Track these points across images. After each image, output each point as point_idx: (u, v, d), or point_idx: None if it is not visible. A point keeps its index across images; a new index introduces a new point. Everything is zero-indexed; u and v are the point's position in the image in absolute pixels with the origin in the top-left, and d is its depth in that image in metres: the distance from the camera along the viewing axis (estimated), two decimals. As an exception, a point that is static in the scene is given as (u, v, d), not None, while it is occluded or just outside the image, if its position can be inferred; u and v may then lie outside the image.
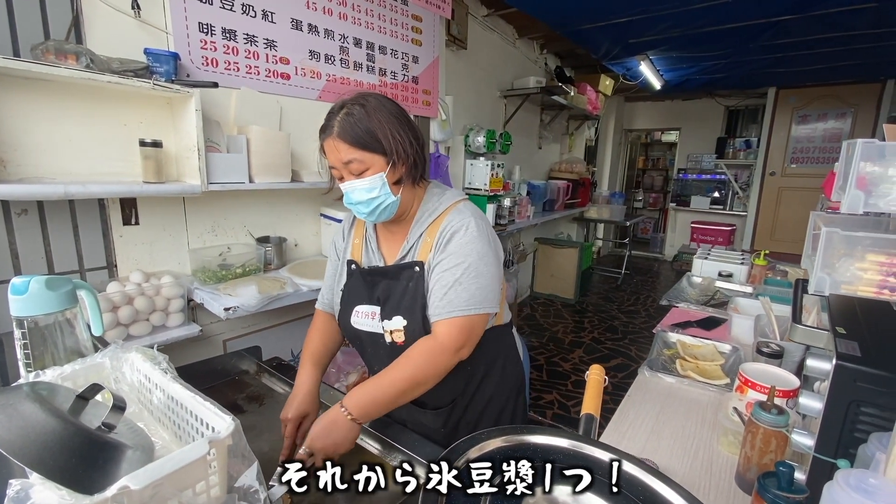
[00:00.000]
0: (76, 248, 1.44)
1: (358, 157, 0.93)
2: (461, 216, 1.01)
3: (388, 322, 1.03)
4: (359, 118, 0.93)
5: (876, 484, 0.58)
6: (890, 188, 0.56)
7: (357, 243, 1.14)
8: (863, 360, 0.74)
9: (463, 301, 0.95)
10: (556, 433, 0.57)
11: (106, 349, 0.71)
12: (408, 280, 1.02)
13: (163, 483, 0.44)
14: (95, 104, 1.41)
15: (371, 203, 0.97)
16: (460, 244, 0.98)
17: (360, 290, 1.08)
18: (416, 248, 1.04)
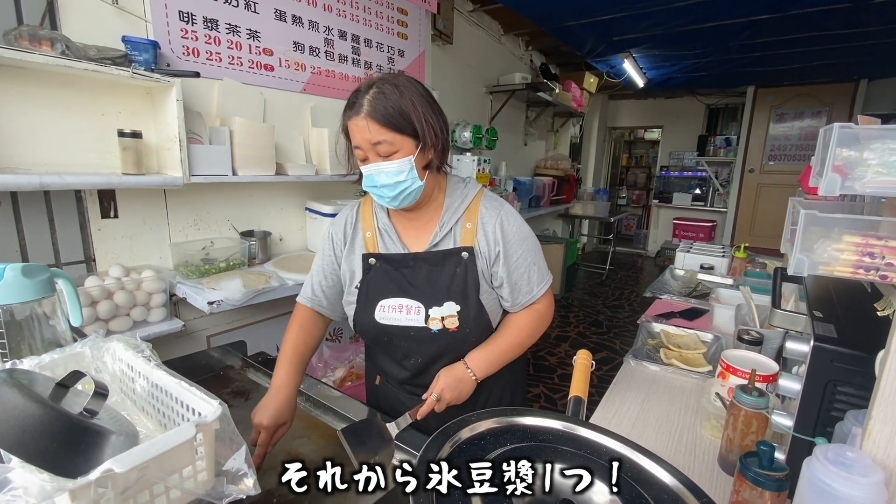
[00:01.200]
0: (52, 241, 1.40)
1: (388, 138, 0.90)
2: (496, 202, 1.06)
3: (439, 309, 1.00)
4: (391, 98, 0.89)
5: (853, 457, 0.60)
6: (865, 171, 0.58)
7: (370, 237, 1.07)
8: (839, 341, 0.76)
9: (543, 276, 1.06)
10: (546, 414, 0.58)
11: (86, 339, 0.70)
12: (455, 266, 1.01)
13: (148, 466, 0.43)
14: (72, 93, 1.36)
15: (397, 187, 0.94)
16: (517, 230, 1.03)
17: (384, 283, 1.04)
18: (456, 233, 1.03)
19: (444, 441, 0.53)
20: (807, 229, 0.64)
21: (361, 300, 1.06)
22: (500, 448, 0.53)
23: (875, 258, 0.59)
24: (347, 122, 0.93)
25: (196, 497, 0.51)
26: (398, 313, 1.02)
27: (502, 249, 1.01)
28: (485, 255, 1.02)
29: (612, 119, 7.39)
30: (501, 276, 1.02)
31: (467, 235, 1.02)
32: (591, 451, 0.54)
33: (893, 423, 0.61)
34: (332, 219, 1.22)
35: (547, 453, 0.52)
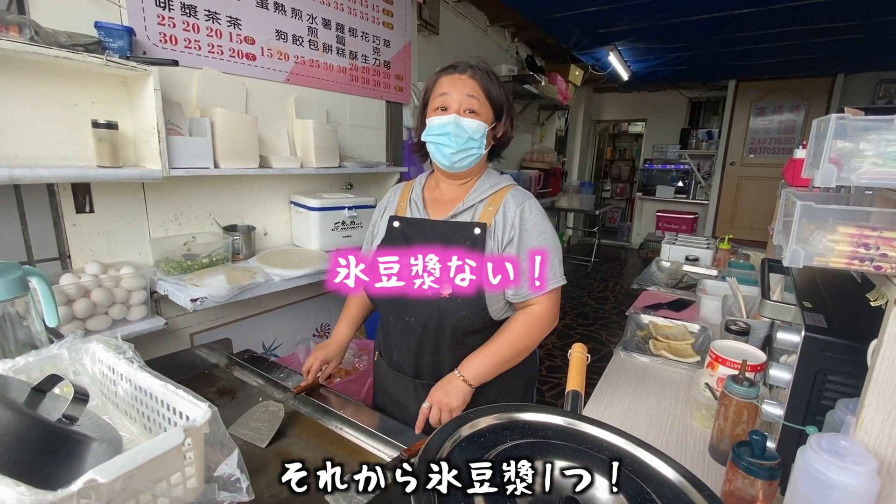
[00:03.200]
0: (24, 237, 1.34)
1: (480, 99, 1.02)
2: (523, 195, 1.10)
3: None
4: (491, 75, 1.05)
5: (847, 446, 0.60)
6: (861, 162, 0.58)
7: (402, 205, 1.17)
8: (829, 331, 0.77)
9: (554, 275, 1.05)
10: (546, 410, 0.57)
11: (63, 340, 0.66)
12: (465, 237, 1.05)
13: (134, 475, 0.41)
14: (42, 82, 1.30)
15: (468, 142, 1.03)
16: (538, 222, 1.06)
17: (399, 244, 1.10)
18: (476, 210, 1.08)
19: (445, 439, 0.51)
20: (802, 221, 0.64)
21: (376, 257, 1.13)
22: (501, 445, 0.52)
23: (870, 249, 0.59)
24: (442, 77, 1.06)
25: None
26: None
27: (517, 234, 1.04)
28: (498, 237, 1.05)
29: (596, 112, 7.43)
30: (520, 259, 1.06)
31: (486, 215, 1.07)
32: (592, 447, 0.53)
33: (886, 412, 0.62)
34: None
35: (548, 450, 0.51)
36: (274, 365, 1.34)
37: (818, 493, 0.61)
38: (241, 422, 0.95)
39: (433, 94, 1.07)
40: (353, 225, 2.06)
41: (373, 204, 2.12)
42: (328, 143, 1.97)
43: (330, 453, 1.00)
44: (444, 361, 1.11)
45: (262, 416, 0.96)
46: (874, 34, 3.63)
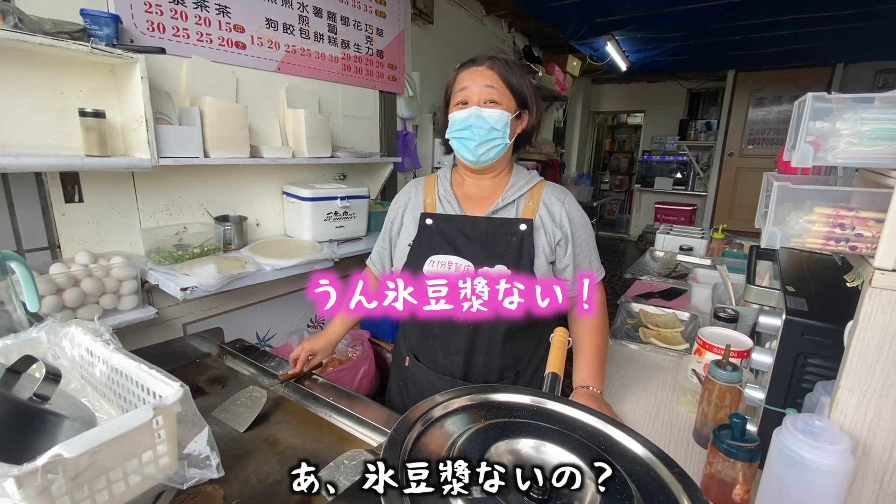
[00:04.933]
0: (13, 226, 1.34)
1: (500, 88, 1.01)
2: (559, 191, 1.12)
3: (490, 270, 1.03)
4: (511, 65, 1.04)
5: (821, 426, 0.61)
6: (837, 142, 0.57)
7: (430, 202, 1.14)
8: (810, 315, 0.77)
9: (598, 265, 1.14)
10: (519, 390, 0.57)
11: (42, 323, 0.66)
12: (511, 234, 1.05)
13: (101, 451, 0.41)
14: (27, 70, 1.29)
15: (490, 133, 1.01)
16: (579, 216, 1.11)
17: (437, 243, 1.08)
18: (518, 206, 1.09)
19: (416, 420, 0.52)
20: (780, 202, 0.63)
21: (412, 256, 1.10)
22: (475, 425, 0.52)
23: (846, 229, 0.59)
24: (461, 72, 1.05)
25: (158, 482, 0.49)
26: (447, 269, 1.05)
27: (570, 232, 1.08)
28: (549, 232, 1.07)
29: (595, 104, 7.38)
30: (567, 259, 1.09)
31: (528, 210, 1.08)
32: (565, 426, 0.53)
33: (861, 393, 0.62)
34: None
35: (520, 429, 0.52)
36: (265, 354, 1.34)
37: (792, 473, 0.61)
38: (223, 406, 0.96)
39: (454, 90, 1.06)
40: (346, 215, 2.05)
41: (366, 194, 2.12)
42: (320, 132, 1.96)
43: (318, 440, 1.01)
44: (496, 360, 1.10)
45: (245, 402, 0.97)
46: (873, 23, 3.60)
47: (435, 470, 0.44)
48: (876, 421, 0.62)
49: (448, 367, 1.13)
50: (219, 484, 0.85)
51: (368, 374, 1.85)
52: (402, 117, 2.70)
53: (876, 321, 0.59)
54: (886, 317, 0.58)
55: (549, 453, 0.49)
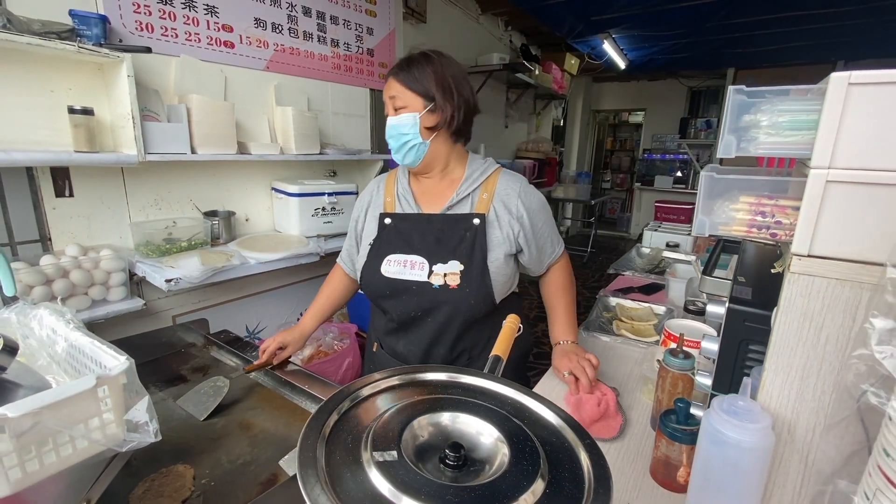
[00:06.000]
0: (4, 220, 1.39)
1: (399, 93, 1.04)
2: (516, 179, 1.14)
3: (443, 266, 1.07)
4: (414, 63, 1.04)
5: (743, 405, 0.64)
6: (757, 133, 0.60)
7: (389, 201, 1.17)
8: (751, 303, 0.80)
9: (559, 237, 1.23)
10: (443, 369, 0.60)
11: (12, 306, 0.71)
12: (465, 229, 1.08)
13: (43, 413, 0.45)
14: (17, 68, 1.34)
15: (400, 139, 1.06)
16: (536, 200, 1.13)
17: (394, 242, 1.12)
18: (472, 200, 1.11)
19: (345, 396, 0.55)
20: (710, 191, 0.66)
21: (371, 255, 1.14)
22: (400, 402, 0.56)
23: (766, 217, 0.62)
24: None
25: (106, 447, 0.53)
26: (403, 268, 1.09)
27: (527, 220, 1.10)
28: (506, 225, 1.09)
29: (595, 102, 7.38)
30: (528, 244, 1.12)
31: (482, 204, 1.10)
32: (483, 398, 0.57)
33: (784, 374, 0.64)
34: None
35: (441, 403, 0.55)
36: (248, 345, 1.39)
37: (717, 451, 0.64)
38: (186, 396, 1.00)
39: None
40: (334, 211, 2.10)
41: (354, 191, 2.16)
42: (308, 130, 2.00)
43: (290, 425, 1.05)
44: (454, 351, 1.13)
45: (209, 391, 1.01)
46: (873, 20, 3.58)
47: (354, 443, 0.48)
48: (799, 402, 0.64)
49: (406, 357, 1.17)
50: (190, 464, 0.90)
51: (353, 366, 1.89)
52: (393, 115, 2.74)
53: (796, 305, 0.61)
54: (805, 301, 0.60)
55: (466, 423, 0.52)
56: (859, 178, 0.53)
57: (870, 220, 0.54)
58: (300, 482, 0.41)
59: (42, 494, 0.51)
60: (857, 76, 0.51)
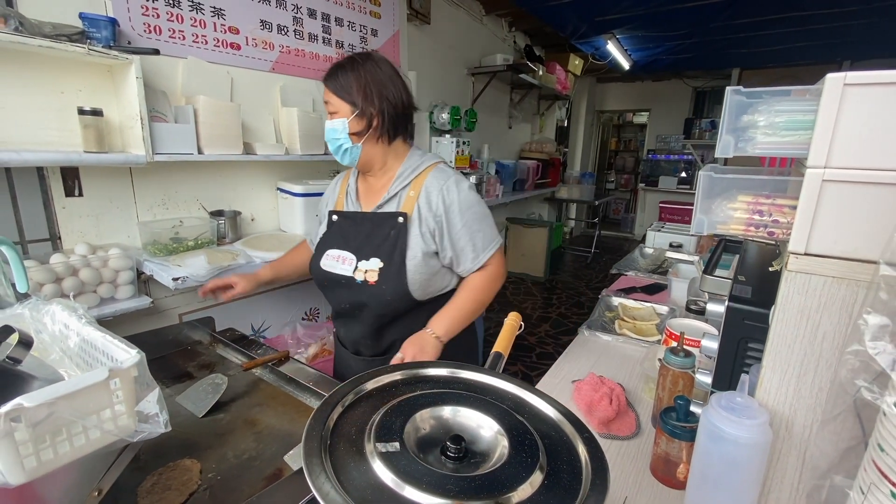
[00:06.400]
0: (16, 218, 1.41)
1: (330, 100, 1.09)
2: (444, 175, 1.13)
3: (365, 262, 1.13)
4: (340, 69, 1.08)
5: (741, 402, 0.64)
6: (755, 133, 0.61)
7: (340, 197, 1.26)
8: (750, 301, 0.80)
9: (489, 241, 1.14)
10: (444, 364, 0.62)
11: (26, 301, 0.72)
12: (390, 228, 1.12)
13: (58, 403, 0.47)
14: (29, 70, 1.36)
15: (335, 143, 1.12)
16: (461, 201, 1.11)
17: (335, 237, 1.20)
18: (400, 199, 1.14)
19: (350, 390, 0.57)
20: (709, 190, 0.67)
21: (317, 248, 1.24)
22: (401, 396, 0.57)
23: (763, 216, 0.62)
24: None
25: (117, 438, 0.55)
26: (336, 262, 1.17)
27: (444, 219, 1.09)
28: (426, 222, 1.10)
29: (599, 102, 7.37)
30: (446, 245, 1.11)
31: (408, 202, 1.12)
32: (483, 393, 0.58)
33: (781, 371, 0.65)
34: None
35: (442, 397, 0.56)
36: (253, 342, 1.40)
37: (715, 446, 0.65)
38: (185, 393, 1.02)
39: None
40: (339, 211, 2.11)
41: (358, 191, 2.17)
42: (313, 130, 2.02)
43: (294, 421, 1.07)
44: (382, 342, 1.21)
45: (207, 388, 1.03)
46: (878, 20, 3.56)
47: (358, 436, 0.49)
48: (796, 399, 0.65)
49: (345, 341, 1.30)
50: (197, 458, 0.91)
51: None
52: (397, 116, 2.75)
53: (793, 303, 0.62)
54: (802, 299, 0.61)
55: (466, 416, 0.53)
56: (855, 177, 0.54)
57: (865, 218, 0.55)
58: (306, 472, 0.43)
59: (55, 483, 0.53)
60: (852, 77, 0.52)
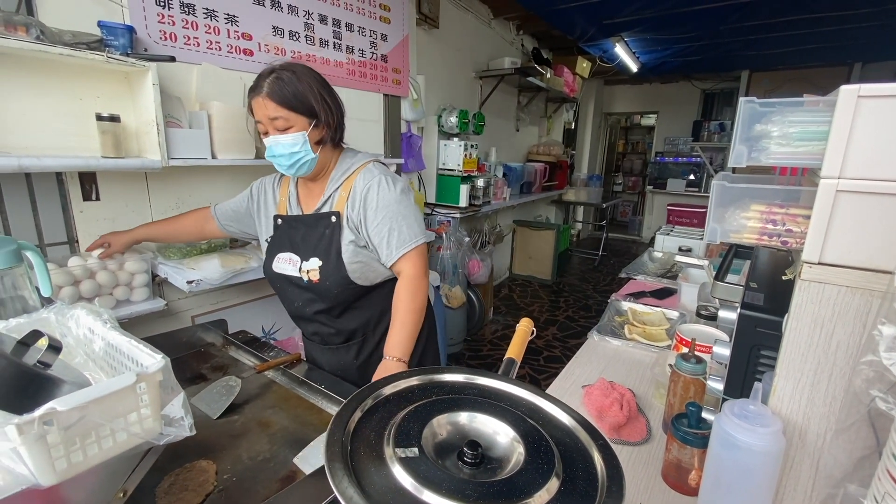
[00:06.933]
0: (35, 222, 1.44)
1: (283, 115, 1.07)
2: (370, 174, 1.18)
3: (306, 263, 1.19)
4: (288, 82, 1.07)
5: (754, 410, 0.65)
6: (768, 143, 0.61)
7: (282, 200, 1.30)
8: (763, 309, 0.81)
9: (405, 239, 1.15)
10: (460, 370, 0.63)
11: (52, 306, 0.75)
12: (324, 227, 1.18)
13: (89, 407, 0.49)
14: (49, 77, 1.40)
15: (292, 157, 1.12)
16: (379, 198, 1.15)
17: (282, 240, 1.25)
18: (333, 200, 1.20)
19: (368, 395, 0.58)
20: (722, 199, 0.68)
21: (268, 252, 1.29)
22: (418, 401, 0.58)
23: (777, 225, 0.63)
24: (251, 102, 1.11)
25: (143, 440, 0.56)
26: (286, 264, 1.23)
27: (363, 216, 1.16)
28: (352, 218, 1.18)
29: (607, 105, 7.36)
30: (367, 239, 1.19)
31: (340, 202, 1.18)
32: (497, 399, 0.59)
33: (795, 380, 0.65)
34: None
35: (458, 403, 0.57)
36: (265, 344, 1.43)
37: (728, 454, 0.65)
38: (199, 395, 1.04)
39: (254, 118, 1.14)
40: (348, 214, 2.13)
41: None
42: (323, 135, 2.04)
43: (307, 423, 1.08)
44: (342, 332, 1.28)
45: (221, 391, 1.05)
46: (890, 22, 3.53)
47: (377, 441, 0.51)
48: (810, 408, 0.65)
49: (311, 338, 1.37)
50: (212, 459, 0.93)
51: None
52: (406, 119, 2.78)
53: (806, 312, 0.62)
54: (815, 308, 0.61)
55: (482, 423, 0.54)
56: (869, 188, 0.54)
57: (879, 228, 0.55)
58: (329, 475, 0.44)
59: (84, 484, 0.54)
60: (866, 89, 0.53)
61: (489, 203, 3.68)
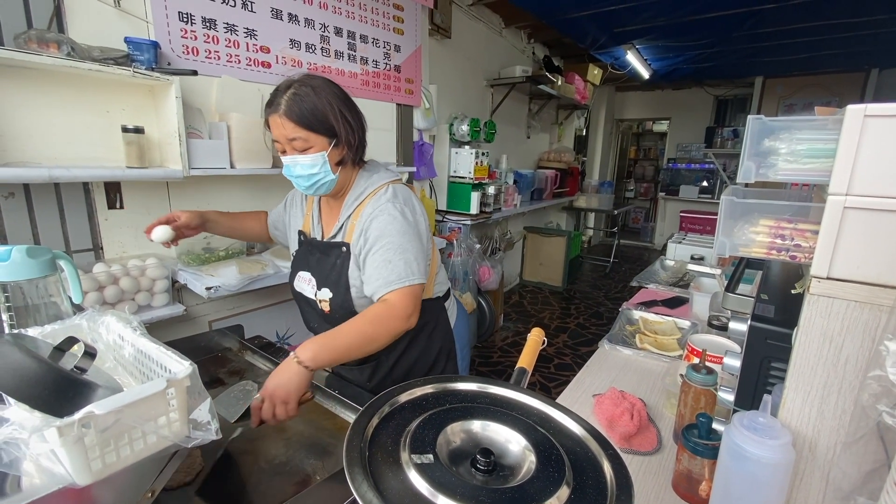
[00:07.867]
0: (62, 230, 1.50)
1: (302, 135, 1.01)
2: (380, 202, 1.09)
3: (320, 292, 1.16)
4: (305, 99, 1.00)
5: (764, 422, 0.66)
6: (776, 159, 0.63)
7: (308, 214, 1.26)
8: (773, 321, 0.81)
9: (398, 275, 1.02)
10: (472, 379, 0.64)
11: (83, 313, 0.78)
12: (336, 257, 1.14)
13: (123, 411, 0.51)
14: (78, 91, 1.46)
15: (311, 178, 1.07)
16: (381, 227, 1.06)
17: (304, 259, 1.23)
18: (345, 228, 1.14)
19: (385, 402, 0.60)
20: (730, 213, 0.69)
21: (293, 267, 1.27)
22: (433, 409, 0.60)
23: (786, 240, 0.64)
24: (268, 118, 1.04)
25: (172, 443, 0.59)
26: (305, 284, 1.21)
27: (365, 246, 1.08)
28: (356, 253, 1.11)
29: (619, 111, 7.34)
30: (362, 265, 1.11)
31: (350, 231, 1.12)
32: (509, 408, 0.61)
33: (804, 392, 0.66)
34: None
35: (471, 411, 0.59)
36: (281, 350, 1.46)
37: (737, 466, 0.66)
38: (218, 399, 1.07)
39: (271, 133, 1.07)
40: (361, 222, 2.16)
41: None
42: (338, 144, 2.09)
43: (322, 429, 1.11)
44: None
45: (238, 395, 1.07)
46: (908, 27, 3.49)
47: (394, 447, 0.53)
48: (819, 420, 0.66)
49: None
50: (228, 463, 0.96)
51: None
52: (418, 128, 2.81)
53: (815, 326, 0.63)
54: (824, 322, 0.62)
55: (495, 431, 0.56)
56: (876, 205, 0.56)
57: (888, 244, 0.56)
58: (349, 479, 0.46)
59: (115, 485, 0.57)
60: (872, 109, 0.54)
61: (500, 210, 3.70)
